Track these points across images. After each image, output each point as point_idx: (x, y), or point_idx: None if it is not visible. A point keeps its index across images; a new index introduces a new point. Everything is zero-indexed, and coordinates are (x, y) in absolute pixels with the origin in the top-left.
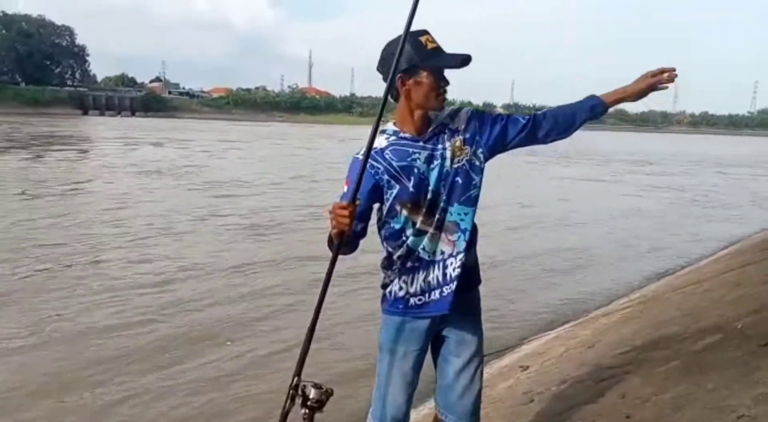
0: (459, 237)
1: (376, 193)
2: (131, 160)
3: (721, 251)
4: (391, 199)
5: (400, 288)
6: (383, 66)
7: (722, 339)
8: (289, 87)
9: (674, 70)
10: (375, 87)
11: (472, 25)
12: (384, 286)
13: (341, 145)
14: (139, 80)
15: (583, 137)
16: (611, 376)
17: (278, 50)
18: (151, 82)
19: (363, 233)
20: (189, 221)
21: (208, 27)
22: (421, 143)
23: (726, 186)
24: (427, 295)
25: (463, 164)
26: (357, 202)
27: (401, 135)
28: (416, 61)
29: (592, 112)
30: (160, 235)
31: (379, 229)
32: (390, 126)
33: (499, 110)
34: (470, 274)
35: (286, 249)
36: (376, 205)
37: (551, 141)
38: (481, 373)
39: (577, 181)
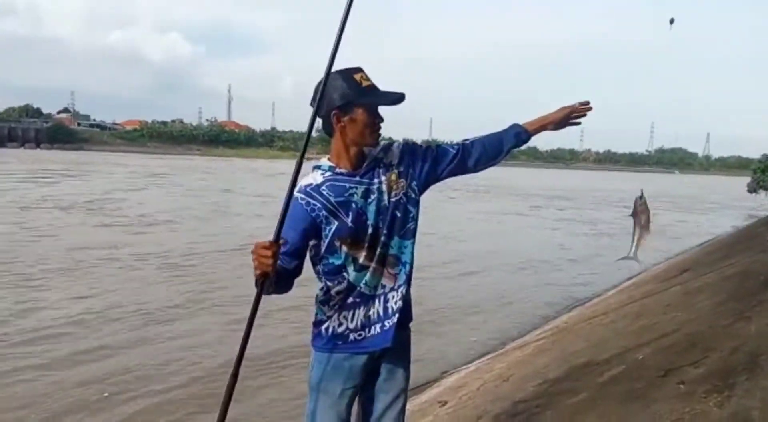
0: (400, 270)
1: (313, 229)
2: (38, 195)
3: (625, 281)
4: (330, 235)
5: (340, 324)
6: (315, 102)
7: (625, 371)
8: (207, 120)
9: (588, 102)
10: (296, 121)
11: (393, 64)
12: (318, 323)
13: (268, 180)
14: (46, 111)
15: (499, 173)
16: (524, 410)
17: (196, 84)
18: (59, 113)
19: (298, 271)
20: (97, 259)
21: (122, 59)
22: (357, 178)
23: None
24: (367, 330)
25: (401, 198)
26: (281, 242)
27: (337, 170)
28: (351, 97)
29: (516, 139)
30: (61, 275)
31: (315, 265)
32: (325, 162)
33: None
34: (406, 310)
35: (206, 289)
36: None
37: (481, 169)
38: (405, 409)
39: (497, 214)
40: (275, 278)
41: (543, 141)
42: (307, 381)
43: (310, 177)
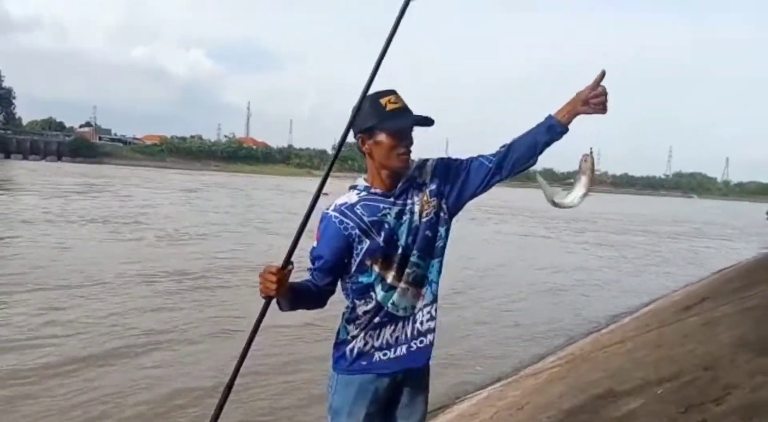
0: (427, 289)
1: (346, 247)
2: (67, 208)
3: (643, 308)
4: (361, 253)
5: (365, 343)
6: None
7: (644, 405)
8: (225, 136)
9: (603, 71)
10: (313, 139)
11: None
12: (341, 344)
13: (292, 197)
14: (68, 125)
15: (516, 194)
16: None
17: (216, 100)
18: (81, 127)
19: (331, 288)
20: (120, 276)
21: (144, 74)
22: (391, 199)
23: (650, 244)
24: (393, 350)
25: (431, 217)
26: (290, 268)
27: (372, 191)
28: (374, 122)
29: (550, 133)
30: (90, 287)
31: (344, 282)
32: (361, 182)
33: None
34: (433, 332)
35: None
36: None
37: (518, 172)
38: None
39: (516, 236)
40: (294, 296)
41: (559, 162)
42: (327, 406)
43: (346, 196)
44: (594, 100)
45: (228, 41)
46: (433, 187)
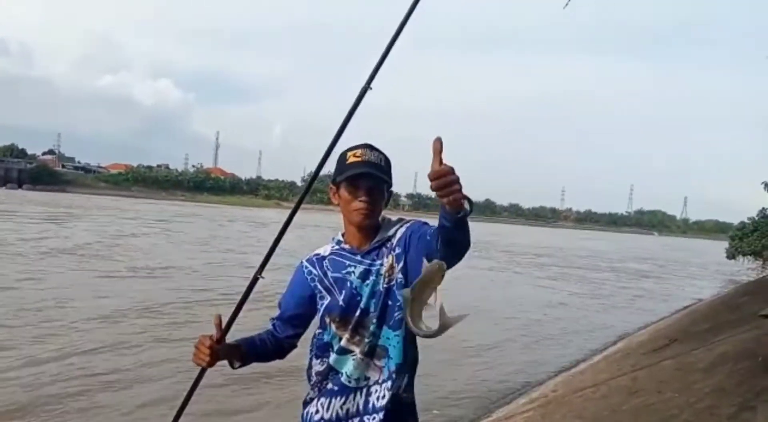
0: (386, 362)
1: (309, 299)
2: (25, 236)
3: (612, 346)
4: (321, 309)
5: (317, 411)
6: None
7: None
8: (193, 166)
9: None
10: (282, 171)
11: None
12: (304, 404)
13: (265, 229)
14: (30, 152)
15: (487, 228)
16: None
17: (184, 130)
18: (44, 154)
19: (290, 341)
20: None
21: (111, 103)
22: (358, 257)
23: (616, 280)
24: None
25: (393, 284)
26: (219, 346)
27: (343, 246)
28: (334, 175)
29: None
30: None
31: (313, 338)
32: (339, 235)
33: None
34: (403, 412)
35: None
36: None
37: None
38: None
39: (485, 271)
40: (245, 353)
41: (525, 198)
42: None
43: (322, 249)
44: (439, 193)
45: (199, 71)
46: (398, 250)
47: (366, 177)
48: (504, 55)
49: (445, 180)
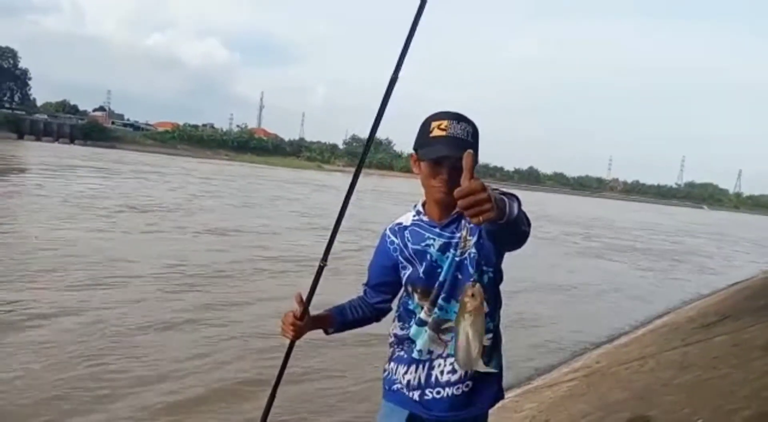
0: (452, 338)
1: (393, 268)
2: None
3: (657, 319)
4: (405, 278)
5: (392, 371)
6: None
7: None
8: (237, 126)
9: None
10: (324, 133)
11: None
12: (388, 359)
13: (322, 191)
14: (82, 108)
15: (531, 196)
16: None
17: (229, 90)
18: (95, 111)
19: (384, 307)
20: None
21: (158, 62)
22: (437, 229)
23: (674, 252)
24: (406, 391)
25: (465, 257)
26: (302, 322)
27: (422, 217)
28: (416, 146)
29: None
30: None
31: (399, 299)
32: (419, 204)
33: None
34: (471, 386)
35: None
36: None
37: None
38: None
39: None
40: (337, 324)
41: (571, 167)
42: None
43: (405, 216)
44: (468, 212)
45: (244, 32)
46: (473, 223)
47: (449, 157)
48: (552, 23)
49: (473, 199)
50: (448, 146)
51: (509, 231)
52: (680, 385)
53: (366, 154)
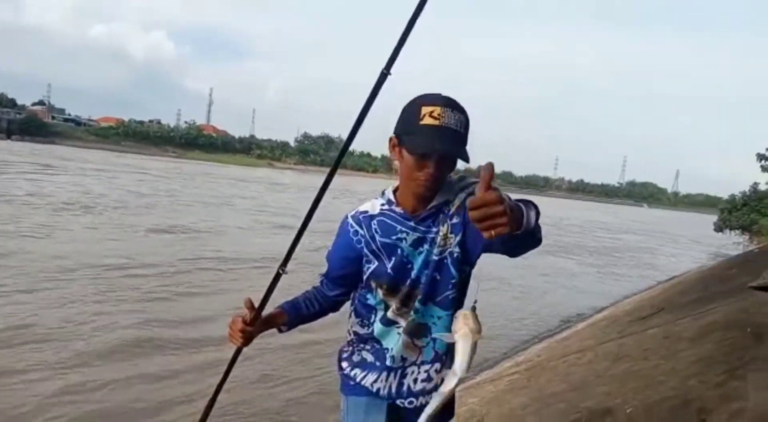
0: (428, 344)
1: (356, 260)
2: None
3: (596, 314)
4: (368, 272)
5: (354, 375)
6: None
7: None
8: (185, 122)
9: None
10: (276, 131)
11: None
12: (341, 355)
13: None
14: (20, 102)
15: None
16: None
17: (177, 85)
18: (34, 105)
19: (342, 300)
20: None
21: (103, 54)
22: (411, 223)
23: (617, 248)
24: (373, 397)
25: (445, 257)
26: (252, 328)
27: (394, 208)
28: (399, 131)
29: None
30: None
31: (355, 291)
32: (389, 191)
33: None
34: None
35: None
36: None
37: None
38: None
39: None
40: (290, 320)
41: (518, 166)
42: None
43: (370, 203)
44: (480, 225)
45: (193, 25)
46: (456, 220)
47: (436, 151)
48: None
49: (487, 211)
50: (441, 139)
51: (523, 241)
52: (614, 376)
53: (344, 153)
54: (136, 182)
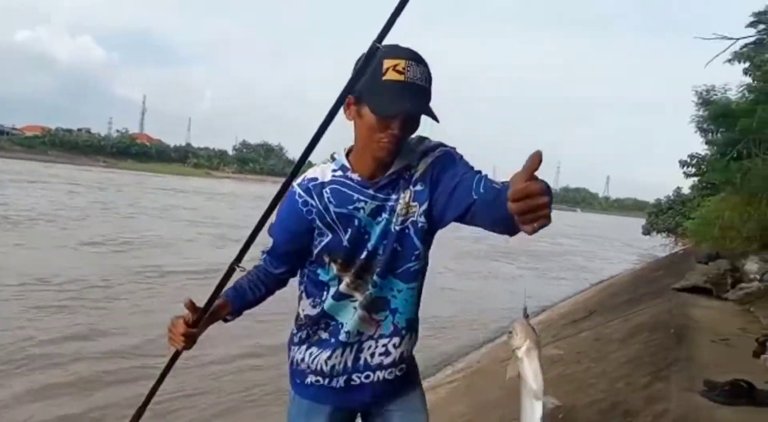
0: (386, 317)
1: (306, 233)
2: None
3: (533, 318)
4: (320, 246)
5: (302, 359)
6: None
7: None
8: (117, 131)
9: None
10: (212, 139)
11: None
12: (290, 343)
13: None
14: None
15: None
16: None
17: (108, 92)
18: None
19: (288, 277)
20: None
21: (28, 60)
22: (370, 191)
23: (554, 252)
24: (327, 380)
25: (407, 227)
26: (194, 330)
27: (349, 175)
28: (362, 88)
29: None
30: None
31: (302, 268)
32: (341, 156)
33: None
34: (405, 370)
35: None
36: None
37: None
38: None
39: None
40: (234, 310)
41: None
42: None
43: (320, 169)
44: (522, 218)
45: (123, 30)
46: (419, 187)
47: (401, 111)
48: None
49: (532, 202)
50: (409, 97)
51: (512, 222)
52: (547, 380)
53: (310, 153)
54: (67, 193)
